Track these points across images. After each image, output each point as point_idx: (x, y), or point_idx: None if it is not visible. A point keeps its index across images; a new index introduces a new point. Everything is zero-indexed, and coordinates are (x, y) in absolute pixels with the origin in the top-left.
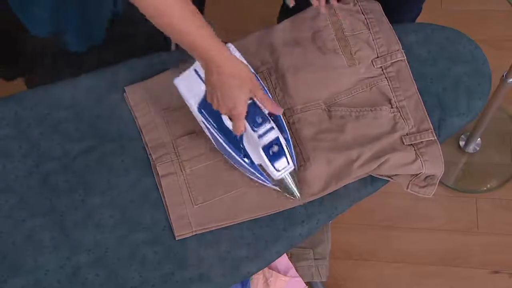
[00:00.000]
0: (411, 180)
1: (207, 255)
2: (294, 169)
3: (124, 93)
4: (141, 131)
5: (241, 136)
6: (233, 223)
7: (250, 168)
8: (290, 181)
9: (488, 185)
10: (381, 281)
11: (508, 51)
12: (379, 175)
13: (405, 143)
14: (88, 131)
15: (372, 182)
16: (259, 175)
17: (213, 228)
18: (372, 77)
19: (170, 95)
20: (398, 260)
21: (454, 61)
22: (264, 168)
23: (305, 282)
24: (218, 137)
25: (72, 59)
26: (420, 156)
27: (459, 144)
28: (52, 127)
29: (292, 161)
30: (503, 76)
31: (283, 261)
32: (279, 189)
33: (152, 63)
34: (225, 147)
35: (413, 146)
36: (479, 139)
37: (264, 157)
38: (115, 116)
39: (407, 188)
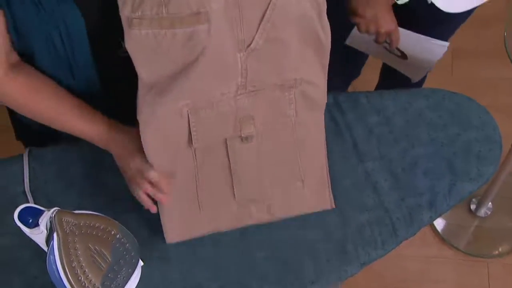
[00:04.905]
0: None
1: None
2: None
3: None
4: None
5: None
6: None
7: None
8: None
9: (500, 249)
10: None
11: None
12: None
13: None
14: None
15: (383, 244)
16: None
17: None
18: None
19: None
20: None
21: (465, 127)
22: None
23: None
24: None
25: None
26: None
27: (470, 208)
28: None
29: None
30: None
31: None
32: None
33: None
34: None
35: None
36: (490, 203)
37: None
38: None
39: None
